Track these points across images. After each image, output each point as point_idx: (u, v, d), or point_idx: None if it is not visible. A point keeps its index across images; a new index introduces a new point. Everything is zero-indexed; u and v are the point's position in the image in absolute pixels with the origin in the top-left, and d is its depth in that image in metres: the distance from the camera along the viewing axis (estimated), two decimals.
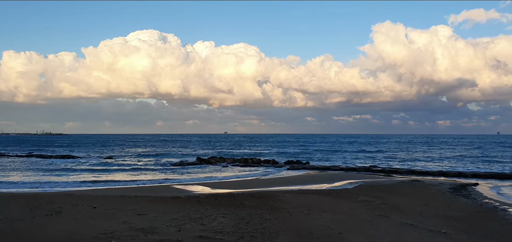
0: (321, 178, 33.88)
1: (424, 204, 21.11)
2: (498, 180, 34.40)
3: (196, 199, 19.88)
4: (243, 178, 35.10)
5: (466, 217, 17.90)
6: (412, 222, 15.78)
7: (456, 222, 16.59)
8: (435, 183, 30.69)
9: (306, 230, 12.98)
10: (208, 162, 51.11)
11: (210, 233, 11.94)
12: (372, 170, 43.18)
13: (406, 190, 26.63)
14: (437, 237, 13.43)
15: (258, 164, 48.93)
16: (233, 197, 20.44)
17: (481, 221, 17.07)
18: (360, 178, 33.64)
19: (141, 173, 38.92)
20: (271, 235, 12.07)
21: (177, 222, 13.32)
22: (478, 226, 15.92)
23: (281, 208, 17.12)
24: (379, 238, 12.60)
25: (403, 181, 32.07)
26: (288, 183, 30.13)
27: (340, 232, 12.95)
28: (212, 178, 34.36)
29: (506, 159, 61.27)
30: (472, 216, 18.14)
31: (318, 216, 15.83)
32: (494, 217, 18.13)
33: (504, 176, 36.28)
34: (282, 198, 20.19)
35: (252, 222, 13.82)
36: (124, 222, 13.06)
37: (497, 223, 16.75)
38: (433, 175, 38.56)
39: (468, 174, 38.22)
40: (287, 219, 14.76)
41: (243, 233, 12.12)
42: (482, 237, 14.04)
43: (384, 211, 18.15)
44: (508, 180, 34.30)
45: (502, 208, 20.55)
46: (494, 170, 43.63)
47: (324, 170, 43.56)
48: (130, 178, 34.07)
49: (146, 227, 12.42)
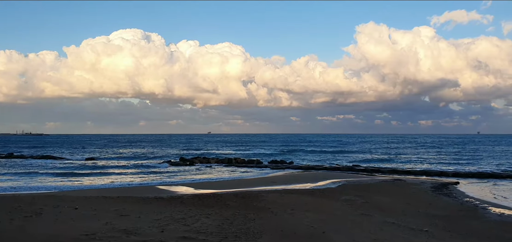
0: (305, 178, 33.99)
1: (406, 203, 21.36)
2: (478, 179, 35.00)
3: (179, 199, 19.74)
4: (227, 178, 35.01)
5: (447, 215, 18.16)
6: (394, 221, 15.94)
7: (437, 220, 16.81)
8: (417, 182, 31.07)
9: (290, 230, 12.99)
10: (192, 162, 50.83)
11: (193, 233, 11.86)
12: (355, 169, 43.52)
13: (389, 189, 26.90)
14: (419, 236, 13.58)
15: (242, 164, 48.88)
16: (217, 197, 20.36)
17: (462, 220, 17.33)
18: (344, 177, 33.85)
19: (124, 174, 38.53)
20: (255, 235, 12.05)
21: (160, 223, 13.20)
22: (459, 225, 16.16)
23: (265, 208, 17.12)
24: (361, 237, 12.69)
25: (386, 180, 32.39)
26: (272, 183, 30.15)
27: (324, 231, 13.00)
28: (195, 179, 34.17)
29: (486, 158, 62.40)
30: (453, 215, 18.41)
31: (302, 215, 15.87)
32: (474, 216, 18.43)
33: (484, 175, 36.92)
34: (266, 198, 20.19)
35: (236, 222, 13.78)
36: (106, 223, 12.89)
37: (478, 222, 17.03)
38: (415, 174, 39.04)
39: (449, 173, 38.79)
40: (271, 219, 14.75)
41: (227, 233, 12.07)
42: (463, 235, 14.25)
43: (367, 210, 18.29)
44: (488, 179, 34.91)
45: (482, 206, 20.91)
46: (475, 169, 44.37)
47: (308, 169, 43.74)
48: (112, 179, 33.71)
49: (128, 228, 12.28)
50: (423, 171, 40.74)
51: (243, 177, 36.09)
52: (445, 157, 65.58)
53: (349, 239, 12.27)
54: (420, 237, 13.35)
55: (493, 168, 45.10)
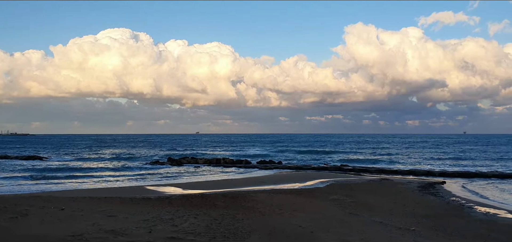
0: (293, 177, 34.06)
1: (393, 202, 21.53)
2: (464, 178, 35.38)
3: (167, 200, 19.66)
4: (215, 178, 34.94)
5: (434, 214, 18.34)
6: (381, 220, 16.06)
7: (424, 219, 16.98)
8: (404, 182, 31.34)
9: (278, 230, 13.01)
10: (180, 163, 50.64)
11: (181, 234, 11.81)
12: (343, 169, 43.74)
13: (376, 189, 27.09)
14: (406, 235, 13.70)
15: (231, 164, 48.82)
16: (205, 198, 20.31)
17: (448, 219, 17.52)
18: (332, 177, 34.01)
19: (111, 174, 38.22)
20: (243, 235, 12.04)
21: (148, 223, 13.12)
22: (445, 223, 16.34)
23: (253, 208, 17.12)
24: (349, 236, 12.75)
25: (373, 179, 32.61)
26: (261, 183, 30.16)
27: (312, 230, 13.04)
28: (183, 179, 34.05)
29: (472, 158, 63.17)
30: (440, 214, 18.60)
31: (290, 215, 15.91)
32: (460, 214, 18.64)
33: (470, 175, 37.35)
34: (255, 198, 20.19)
35: (224, 222, 13.76)
36: (93, 224, 12.77)
37: (464, 220, 17.24)
38: (402, 174, 39.37)
39: (436, 172, 39.19)
40: (259, 219, 14.75)
41: (215, 233, 12.05)
42: (449, 234, 14.40)
43: (355, 210, 18.40)
44: (474, 178, 35.33)
45: (468, 205, 21.17)
46: (461, 168, 44.89)
47: (297, 169, 43.86)
48: (99, 179, 33.41)
49: (116, 228, 12.18)
50: (410, 171, 41.09)
51: (231, 177, 36.06)
52: (431, 156, 66.22)
53: (337, 238, 12.33)
54: (407, 236, 13.46)
55: (479, 168, 45.65)
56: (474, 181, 33.26)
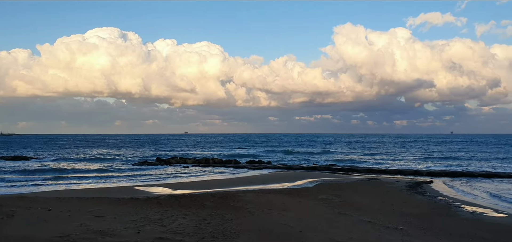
0: (282, 177, 34.12)
1: (381, 201, 21.67)
2: (451, 178, 35.74)
3: (156, 200, 19.56)
4: (204, 178, 34.85)
5: (421, 213, 18.50)
6: (370, 219, 16.16)
7: (412, 218, 17.12)
8: (391, 181, 31.57)
9: (267, 229, 13.02)
10: (168, 163, 50.40)
11: (170, 234, 11.76)
12: (332, 168, 43.90)
13: (364, 188, 27.25)
14: (394, 234, 13.80)
15: (220, 164, 48.71)
16: (194, 198, 20.25)
17: (436, 217, 17.69)
18: (320, 177, 34.12)
19: (99, 174, 37.88)
20: (232, 235, 12.03)
21: (136, 224, 13.05)
22: (432, 222, 16.49)
23: (242, 208, 17.11)
24: (338, 235, 12.81)
25: (361, 179, 32.80)
26: (250, 183, 30.16)
27: (301, 230, 13.07)
28: (172, 179, 33.90)
29: (459, 157, 63.85)
30: (427, 213, 18.77)
31: (279, 215, 15.93)
32: (447, 213, 18.82)
33: (457, 174, 37.73)
34: (244, 198, 20.19)
35: (213, 222, 13.73)
36: (81, 225, 12.66)
37: (451, 219, 17.41)
38: (390, 173, 39.64)
39: (423, 172, 39.52)
40: (248, 219, 14.75)
41: (204, 233, 12.02)
42: (437, 233, 14.54)
43: (343, 209, 18.49)
44: (461, 177, 35.69)
45: (455, 204, 21.38)
46: (448, 168, 45.35)
47: (286, 169, 43.93)
48: (87, 180, 33.09)
49: (104, 229, 12.09)
50: (398, 170, 41.38)
51: (220, 177, 35.99)
52: (419, 156, 66.81)
53: (325, 237, 12.37)
54: (395, 235, 13.56)
55: (465, 167, 46.15)
56: (461, 180, 33.61)
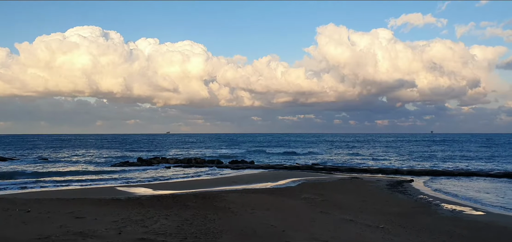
0: (265, 177, 34.17)
1: (363, 200, 21.87)
2: (431, 176, 36.33)
3: (138, 200, 19.39)
4: (186, 178, 34.68)
5: (402, 212, 18.74)
6: (351, 218, 16.30)
7: (393, 217, 17.33)
8: (373, 180, 31.89)
9: (250, 229, 13.01)
10: (150, 163, 50.03)
11: (152, 235, 11.67)
12: (314, 168, 44.16)
13: (346, 187, 27.47)
14: (375, 232, 13.94)
15: (202, 164, 48.55)
16: (176, 198, 20.13)
17: (416, 216, 17.93)
18: (303, 176, 34.28)
19: (79, 175, 37.36)
20: (215, 235, 11.99)
21: (118, 225, 12.91)
22: (413, 221, 16.72)
23: (225, 208, 17.07)
24: (320, 234, 12.88)
25: (344, 178, 33.05)
26: (233, 183, 30.12)
27: (283, 229, 13.11)
28: (154, 179, 33.66)
29: (439, 156, 64.84)
30: (408, 211, 19.02)
31: (262, 214, 15.94)
32: (428, 212, 19.11)
33: (437, 173, 38.35)
34: (226, 198, 20.15)
35: (196, 223, 13.67)
36: (60, 226, 12.47)
37: (431, 217, 17.67)
38: (372, 172, 40.06)
39: (404, 171, 40.07)
40: (231, 219, 14.73)
41: (186, 234, 11.96)
42: (417, 231, 14.74)
43: (326, 208, 18.61)
44: (441, 176, 36.31)
45: (435, 203, 21.73)
46: (428, 167, 46.03)
47: (269, 168, 44.02)
48: (67, 180, 32.58)
49: (84, 230, 11.93)
50: (379, 169, 41.86)
51: (203, 177, 35.85)
52: (400, 155, 67.66)
53: (308, 236, 12.43)
54: (376, 234, 13.71)
55: (445, 166, 46.91)
56: (441, 179, 34.19)
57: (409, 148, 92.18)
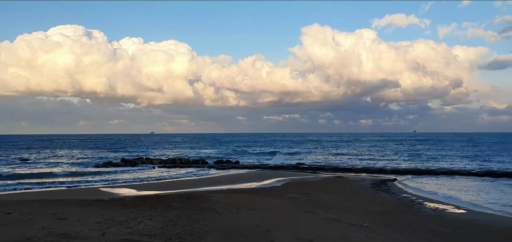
0: (250, 177, 34.16)
1: (347, 199, 22.02)
2: (414, 175, 36.75)
3: (121, 201, 19.21)
4: (171, 179, 34.49)
5: (386, 211, 18.91)
6: (336, 217, 16.40)
7: (377, 215, 17.48)
8: (357, 179, 32.13)
9: (235, 229, 12.99)
10: (134, 163, 49.62)
11: (136, 236, 11.56)
12: (299, 167, 44.31)
13: (331, 187, 27.62)
14: (360, 231, 14.04)
15: (187, 165, 48.33)
16: (160, 199, 20.00)
17: (400, 214, 18.12)
18: (288, 176, 34.36)
19: (62, 176, 36.87)
20: (200, 235, 11.94)
21: (101, 226, 12.76)
22: (397, 219, 16.89)
23: (210, 208, 17.02)
24: (305, 233, 12.92)
25: (328, 177, 33.24)
26: (218, 183, 30.05)
27: (268, 229, 13.11)
28: (138, 180, 33.38)
29: (422, 156, 65.62)
30: (392, 210, 19.20)
31: (247, 214, 15.93)
32: (411, 210, 19.32)
33: (420, 172, 38.81)
34: (211, 198, 20.10)
35: (180, 223, 13.60)
36: (42, 228, 12.27)
37: (414, 216, 17.88)
38: (356, 172, 40.36)
39: (388, 170, 40.46)
40: (216, 219, 14.68)
41: (171, 234, 11.88)
42: (401, 229, 14.89)
43: (310, 207, 18.68)
44: (424, 175, 36.75)
45: (418, 201, 21.99)
46: (411, 166, 46.54)
47: (254, 168, 44.02)
48: (49, 182, 32.11)
49: (67, 232, 11.76)
50: (363, 168, 42.19)
51: (187, 177, 35.69)
52: (383, 155, 68.29)
53: (293, 236, 12.46)
54: (361, 232, 13.81)
55: (428, 165, 47.49)
56: (424, 178, 34.61)
57: (393, 147, 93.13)
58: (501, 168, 42.36)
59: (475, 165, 47.58)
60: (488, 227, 15.73)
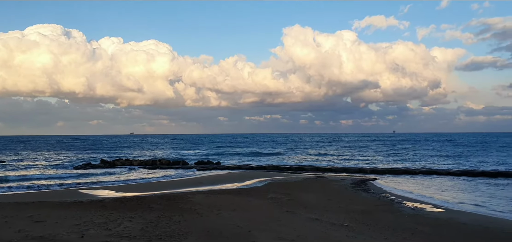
0: (232, 178, 34.09)
1: (328, 199, 22.17)
2: (394, 175, 37.23)
3: (100, 203, 18.95)
4: (151, 180, 34.18)
5: (366, 210, 19.09)
6: (317, 217, 16.49)
7: (357, 215, 17.64)
8: (338, 179, 32.38)
9: (216, 230, 12.95)
10: (114, 165, 49.01)
11: (115, 238, 11.43)
12: (281, 167, 44.44)
13: (312, 187, 27.76)
14: (340, 230, 14.15)
15: (167, 166, 47.96)
16: (140, 200, 19.81)
17: (379, 213, 18.32)
18: (270, 176, 34.41)
19: (39, 177, 36.18)
20: (180, 237, 11.87)
21: (80, 228, 12.57)
22: (376, 218, 17.07)
23: (191, 209, 16.94)
24: (286, 233, 12.96)
25: (309, 177, 33.40)
26: (199, 184, 29.91)
27: (250, 230, 13.11)
28: (117, 181, 32.98)
29: (401, 155, 66.53)
30: (371, 209, 19.40)
31: (228, 215, 15.90)
32: (390, 209, 19.55)
33: (399, 171, 39.34)
34: (192, 199, 20.00)
35: (161, 225, 13.49)
36: (19, 231, 12.03)
37: (393, 215, 18.09)
38: (336, 172, 40.68)
39: (367, 169, 40.89)
40: (196, 220, 14.62)
41: (151, 236, 11.78)
42: (380, 228, 15.06)
43: (292, 207, 18.75)
44: (403, 175, 37.27)
45: (398, 200, 22.27)
46: (390, 166, 47.13)
47: (235, 169, 43.97)
48: (26, 184, 31.46)
49: (45, 234, 11.55)
50: (344, 168, 42.54)
51: (168, 178, 35.43)
52: (363, 154, 69.00)
53: (274, 236, 12.48)
54: (341, 232, 13.91)
55: (407, 165, 48.16)
56: (403, 177, 35.10)
57: (373, 147, 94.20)
58: (478, 167, 43.26)
59: (453, 164, 48.43)
60: (465, 225, 16.03)
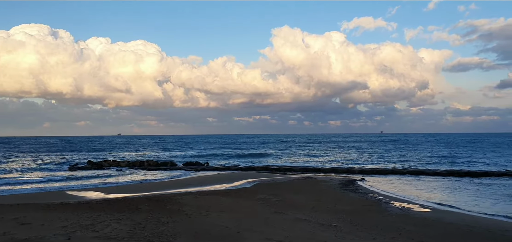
0: (220, 179, 34.02)
1: (316, 199, 22.23)
2: (381, 175, 37.49)
3: (88, 204, 18.77)
4: (138, 181, 33.94)
5: (354, 210, 19.19)
6: (305, 217, 16.54)
7: (345, 215, 17.72)
8: (326, 179, 32.50)
9: (205, 231, 12.91)
10: (101, 166, 48.56)
11: (103, 239, 11.33)
12: (269, 168, 44.47)
13: (301, 187, 27.83)
14: (328, 230, 14.20)
15: (155, 167, 47.68)
16: (128, 202, 19.67)
17: (367, 214, 18.42)
18: (258, 177, 34.43)
19: (25, 179, 35.70)
20: (168, 238, 11.81)
21: (67, 230, 12.44)
22: (364, 218, 17.16)
23: (179, 211, 16.86)
24: (274, 234, 12.97)
25: (298, 178, 33.47)
26: (187, 185, 29.80)
27: (238, 231, 13.10)
28: (105, 183, 32.69)
29: (388, 156, 67.01)
30: (359, 209, 19.50)
31: (217, 216, 15.87)
32: (378, 209, 19.68)
33: (386, 172, 39.64)
34: (181, 201, 19.92)
35: (149, 226, 13.41)
36: (4, 233, 11.85)
37: (381, 215, 18.21)
38: (325, 172, 40.84)
39: (356, 170, 41.12)
40: (185, 222, 14.56)
41: (139, 238, 11.70)
42: (368, 228, 15.14)
43: (280, 208, 18.77)
44: (390, 175, 37.55)
45: (385, 201, 22.42)
46: (378, 166, 47.45)
47: (224, 170, 43.90)
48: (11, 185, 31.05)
49: (30, 237, 11.41)
50: (332, 169, 42.71)
51: (156, 179, 35.23)
52: (352, 155, 69.37)
53: (262, 237, 12.48)
54: (329, 232, 13.96)
55: (394, 165, 48.51)
56: (390, 177, 35.35)
57: (361, 147, 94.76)
58: (465, 167, 43.77)
59: (440, 165, 48.92)
60: (452, 225, 16.19)
